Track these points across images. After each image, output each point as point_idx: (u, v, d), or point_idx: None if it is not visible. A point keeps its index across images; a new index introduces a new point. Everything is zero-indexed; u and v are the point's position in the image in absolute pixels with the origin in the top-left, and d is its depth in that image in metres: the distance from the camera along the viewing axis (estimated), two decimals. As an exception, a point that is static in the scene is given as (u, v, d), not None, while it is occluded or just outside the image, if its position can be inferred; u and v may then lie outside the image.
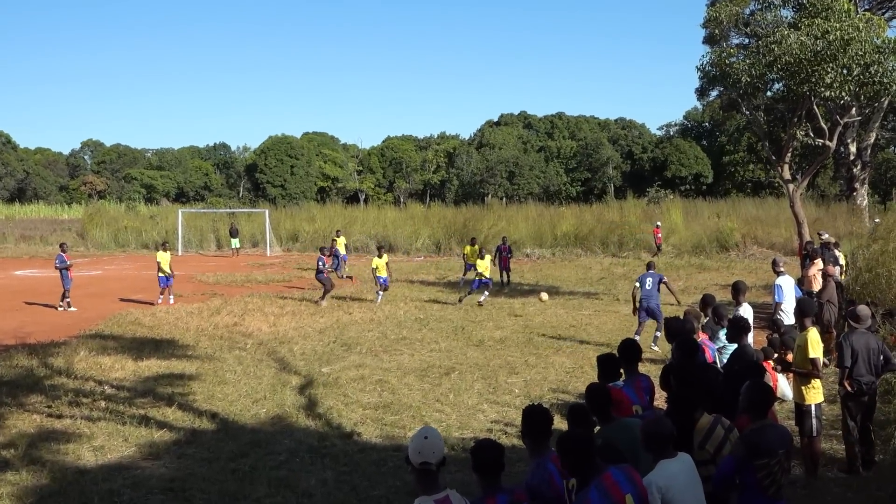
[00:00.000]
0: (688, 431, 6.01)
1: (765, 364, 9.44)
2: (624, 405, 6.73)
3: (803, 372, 9.13)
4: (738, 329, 8.76)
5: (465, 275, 30.38)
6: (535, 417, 5.42)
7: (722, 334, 10.03)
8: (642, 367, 7.81)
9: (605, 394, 6.27)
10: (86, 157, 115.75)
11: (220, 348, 17.54)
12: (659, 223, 41.50)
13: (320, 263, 24.94)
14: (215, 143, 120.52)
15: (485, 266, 24.61)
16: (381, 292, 24.71)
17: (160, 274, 24.81)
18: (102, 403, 12.82)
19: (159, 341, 18.28)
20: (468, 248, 30.77)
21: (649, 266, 18.91)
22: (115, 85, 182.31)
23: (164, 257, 25.07)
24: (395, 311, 22.74)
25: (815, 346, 9.00)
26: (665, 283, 18.25)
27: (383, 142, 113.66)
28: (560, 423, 7.96)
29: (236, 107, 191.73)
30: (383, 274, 24.86)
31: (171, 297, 25.03)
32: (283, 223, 51.91)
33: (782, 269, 14.66)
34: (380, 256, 25.23)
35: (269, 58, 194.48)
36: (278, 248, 48.85)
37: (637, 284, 18.08)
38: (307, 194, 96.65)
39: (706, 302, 11.06)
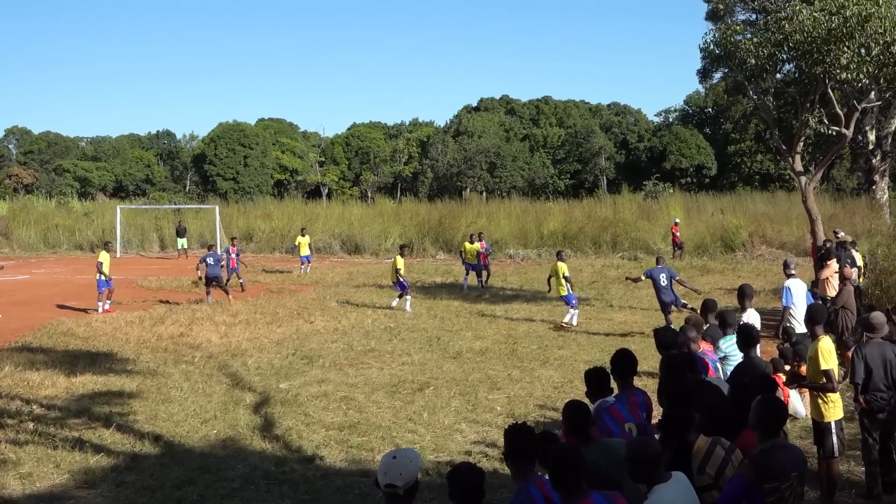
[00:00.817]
0: (684, 455, 6.03)
1: (775, 377, 9.50)
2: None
3: (817, 386, 9.16)
4: (746, 339, 8.80)
5: (466, 276, 30.66)
6: (518, 438, 5.42)
7: (723, 343, 10.09)
8: (639, 382, 7.84)
9: (584, 412, 6.28)
10: (10, 146, 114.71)
11: (164, 362, 17.45)
12: (677, 220, 41.45)
13: (210, 260, 25.92)
14: (158, 131, 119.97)
15: (565, 269, 22.43)
16: (408, 297, 24.95)
17: (100, 276, 24.80)
18: (30, 425, 12.72)
19: (95, 354, 18.16)
20: (468, 245, 30.96)
21: (658, 261, 19.78)
22: (44, 65, 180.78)
23: (107, 258, 25.21)
24: (362, 320, 22.73)
25: (827, 356, 9.00)
26: (678, 280, 19.24)
27: (348, 129, 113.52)
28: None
29: (182, 90, 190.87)
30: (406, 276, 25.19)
31: (108, 302, 25.06)
32: (235, 221, 51.68)
33: (794, 271, 14.78)
34: (402, 255, 25.75)
35: (219, 35, 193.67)
36: (230, 248, 48.63)
37: (643, 277, 19.06)
38: (262, 188, 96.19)
39: (707, 308, 11.13)
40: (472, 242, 30.96)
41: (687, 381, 7.21)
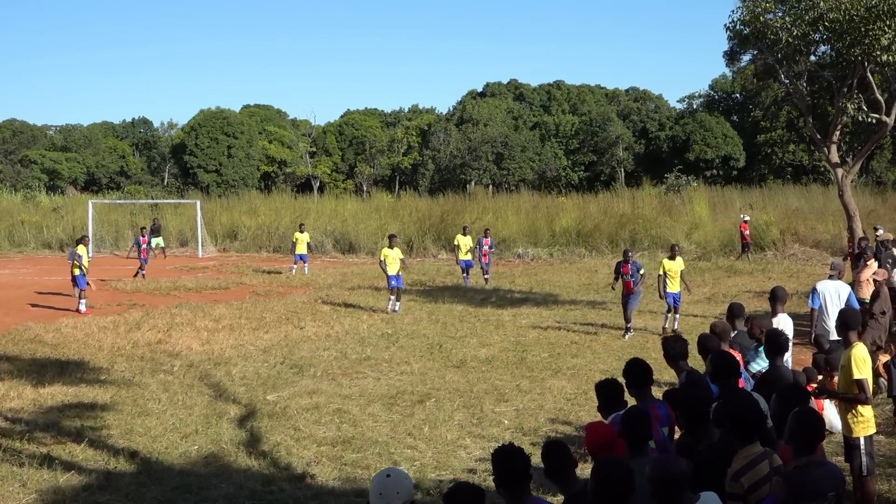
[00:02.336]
0: (714, 466, 6.05)
1: (809, 388, 9.50)
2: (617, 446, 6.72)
3: (849, 397, 9.13)
4: (774, 346, 8.79)
5: (464, 274, 31.25)
6: (506, 461, 5.36)
7: (762, 351, 10.07)
8: (659, 393, 7.84)
9: (644, 419, 6.26)
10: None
11: (140, 371, 17.46)
12: (747, 217, 40.41)
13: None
14: (133, 119, 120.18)
15: (676, 269, 21.91)
16: (392, 297, 25.20)
17: (76, 272, 25.38)
18: (-6, 440, 12.74)
19: (65, 363, 18.17)
20: (461, 238, 31.42)
21: (626, 253, 21.17)
22: (9, 48, 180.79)
23: (85, 251, 26.11)
24: (357, 325, 22.73)
25: (861, 365, 8.97)
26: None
27: (342, 117, 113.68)
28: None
29: (160, 74, 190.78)
30: (394, 270, 25.32)
31: (83, 302, 25.38)
32: (218, 217, 51.73)
33: (833, 272, 14.82)
34: (391, 247, 25.68)
35: (200, 14, 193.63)
36: (212, 247, 48.68)
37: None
38: (248, 181, 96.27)
39: (734, 313, 11.08)
40: (465, 234, 31.60)
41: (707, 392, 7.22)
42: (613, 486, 4.95)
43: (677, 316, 21.85)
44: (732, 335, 10.52)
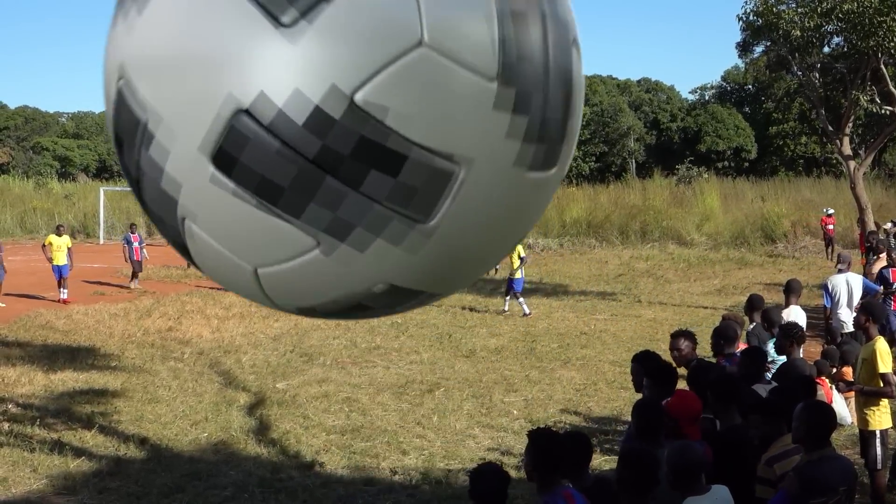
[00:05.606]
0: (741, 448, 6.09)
1: (819, 381, 9.47)
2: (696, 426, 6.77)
3: (875, 391, 9.08)
4: (788, 338, 8.77)
5: None
6: (543, 444, 5.40)
7: (772, 345, 10.05)
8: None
9: (656, 409, 6.28)
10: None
11: (150, 358, 17.51)
12: (831, 210, 37.62)
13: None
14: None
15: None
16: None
17: (55, 263, 25.79)
18: (5, 426, 12.78)
19: (76, 349, 18.23)
20: None
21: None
22: (19, 34, 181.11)
23: (57, 241, 26.13)
24: (367, 314, 22.70)
25: (884, 358, 8.96)
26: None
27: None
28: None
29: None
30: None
31: (65, 290, 25.66)
32: (229, 204, 51.73)
33: (844, 266, 14.76)
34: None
35: None
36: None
37: None
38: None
39: (753, 304, 11.04)
40: None
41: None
42: (643, 474, 4.98)
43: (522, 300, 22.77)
44: (751, 327, 10.51)
